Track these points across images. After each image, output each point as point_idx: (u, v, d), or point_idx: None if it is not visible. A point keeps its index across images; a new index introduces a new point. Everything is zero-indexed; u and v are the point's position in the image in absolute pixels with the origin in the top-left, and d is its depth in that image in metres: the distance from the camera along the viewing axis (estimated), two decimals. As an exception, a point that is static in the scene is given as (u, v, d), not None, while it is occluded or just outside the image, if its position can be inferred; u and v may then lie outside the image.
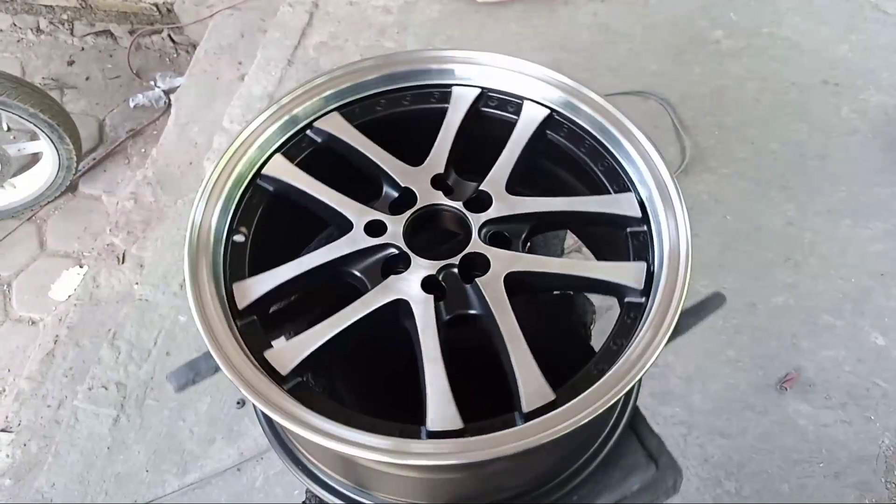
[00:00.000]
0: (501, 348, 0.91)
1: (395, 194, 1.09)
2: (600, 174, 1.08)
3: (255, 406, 0.89)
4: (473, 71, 1.16)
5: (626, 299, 0.96)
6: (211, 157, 2.79)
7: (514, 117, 1.14)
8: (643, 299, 0.95)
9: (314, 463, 1.14)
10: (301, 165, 1.11)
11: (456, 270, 1.00)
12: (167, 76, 3.58)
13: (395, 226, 1.04)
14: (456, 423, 0.85)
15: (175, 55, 3.76)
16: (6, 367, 2.83)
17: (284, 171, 1.12)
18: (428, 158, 1.10)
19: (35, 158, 3.14)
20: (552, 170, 1.18)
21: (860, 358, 2.21)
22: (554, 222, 1.08)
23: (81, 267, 3.09)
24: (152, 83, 3.59)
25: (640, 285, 0.95)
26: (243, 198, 1.12)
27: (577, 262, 1.00)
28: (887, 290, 2.34)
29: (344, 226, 1.04)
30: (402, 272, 0.99)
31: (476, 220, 1.04)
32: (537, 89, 1.14)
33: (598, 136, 1.09)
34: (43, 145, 2.99)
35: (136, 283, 2.54)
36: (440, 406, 0.87)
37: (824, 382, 2.18)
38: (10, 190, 3.13)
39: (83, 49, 3.78)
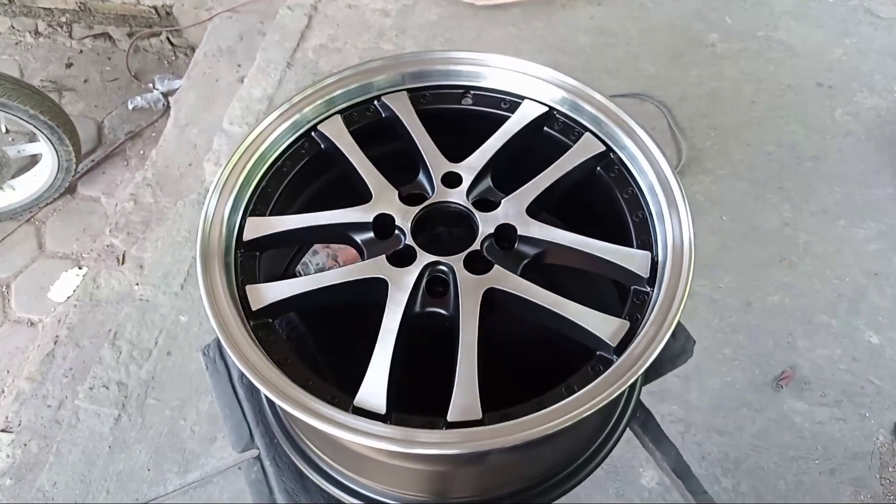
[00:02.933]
0: (456, 355, 0.95)
1: (426, 183, 1.15)
2: (632, 224, 1.08)
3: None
4: (547, 92, 1.19)
5: (599, 352, 0.97)
6: (211, 158, 2.81)
7: (570, 144, 1.15)
8: (613, 357, 0.95)
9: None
10: (363, 133, 1.20)
11: (444, 268, 1.04)
12: (166, 79, 3.59)
13: (407, 215, 1.09)
14: (381, 407, 0.91)
15: (173, 58, 3.77)
16: (5, 369, 2.84)
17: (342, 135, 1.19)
18: (469, 158, 1.14)
19: (34, 160, 3.15)
20: (585, 203, 1.20)
21: (855, 356, 2.24)
22: (561, 256, 1.09)
23: (80, 268, 3.09)
24: (151, 86, 3.60)
25: (615, 343, 0.95)
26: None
27: (567, 302, 0.99)
28: (881, 289, 2.37)
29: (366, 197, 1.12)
30: (400, 261, 1.04)
31: (484, 227, 1.07)
32: (602, 124, 1.15)
33: (641, 185, 1.10)
34: (42, 147, 3.00)
35: (137, 284, 2.55)
36: (372, 386, 0.93)
37: (820, 380, 2.20)
38: (9, 191, 3.14)
39: (81, 51, 3.79)
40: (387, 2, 3.20)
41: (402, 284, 1.02)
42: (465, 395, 0.91)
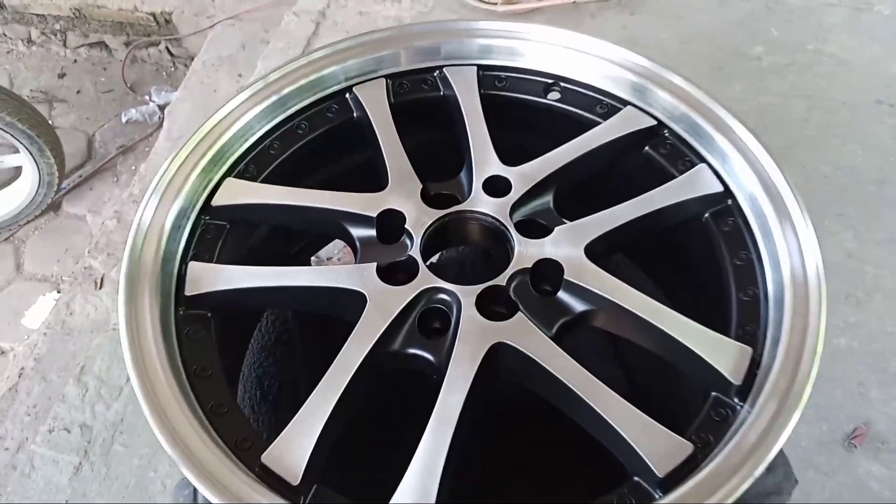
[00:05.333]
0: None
1: (464, 184, 0.89)
2: (736, 303, 0.81)
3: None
4: (659, 101, 0.96)
5: (637, 478, 0.68)
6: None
7: (674, 174, 0.89)
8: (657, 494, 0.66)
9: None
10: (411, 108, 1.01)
11: (447, 299, 0.77)
12: (163, 90, 3.36)
13: (423, 219, 0.85)
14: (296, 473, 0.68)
15: (172, 69, 3.54)
16: (-31, 402, 2.55)
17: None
18: (528, 163, 0.87)
19: (18, 173, 2.90)
20: (669, 255, 0.93)
21: (939, 411, 1.91)
22: (618, 324, 0.81)
23: (59, 292, 2.82)
24: (147, 98, 3.37)
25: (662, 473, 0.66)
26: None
27: (609, 398, 0.72)
28: (965, 332, 2.05)
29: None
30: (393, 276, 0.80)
31: (520, 257, 0.79)
32: (728, 160, 0.89)
33: (764, 256, 0.83)
34: (23, 159, 2.75)
35: (115, 311, 2.27)
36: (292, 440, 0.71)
37: (899, 439, 1.88)
38: (-15, 207, 2.89)
39: (75, 61, 3.57)
40: (401, 8, 2.96)
41: (384, 307, 0.74)
42: (419, 481, 0.65)
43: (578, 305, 0.80)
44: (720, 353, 0.73)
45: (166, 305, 0.79)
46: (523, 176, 0.88)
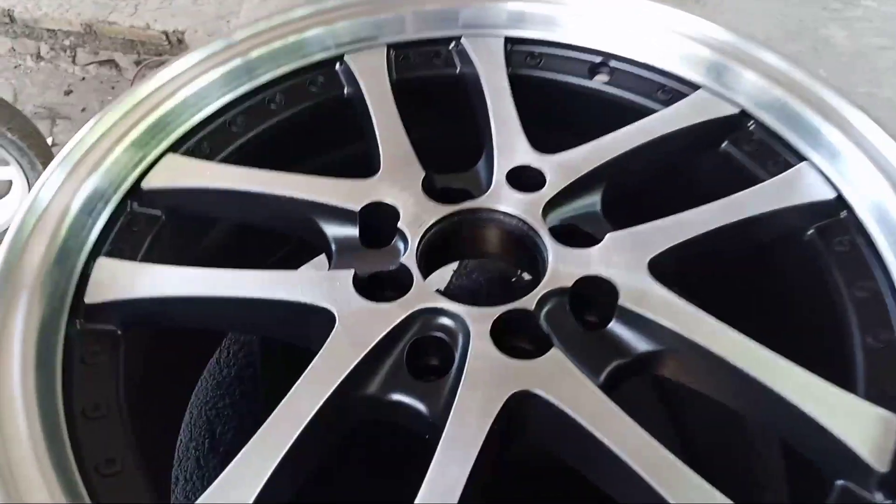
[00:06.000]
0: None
1: (482, 175, 0.67)
2: (852, 307, 0.60)
3: None
4: (741, 85, 0.75)
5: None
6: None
7: (760, 177, 0.70)
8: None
9: None
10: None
11: (450, 326, 0.53)
12: (170, 111, 3.20)
13: (424, 217, 0.61)
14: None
15: (182, 90, 3.39)
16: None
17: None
18: (570, 150, 0.65)
19: (8, 188, 2.72)
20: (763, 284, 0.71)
21: None
22: (698, 375, 0.57)
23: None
24: (153, 118, 3.21)
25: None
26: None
27: (688, 479, 0.49)
28: None
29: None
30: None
31: (557, 273, 0.56)
32: (840, 158, 0.68)
33: (887, 261, 0.61)
34: (12, 172, 2.57)
35: None
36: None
37: None
38: (-27, 223, 2.69)
39: (84, 78, 3.44)
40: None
41: (359, 333, 0.51)
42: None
43: (639, 344, 0.55)
44: (853, 423, 0.49)
45: (54, 317, 0.56)
46: (562, 167, 0.65)
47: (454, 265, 0.77)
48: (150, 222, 0.67)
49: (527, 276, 0.72)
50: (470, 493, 0.47)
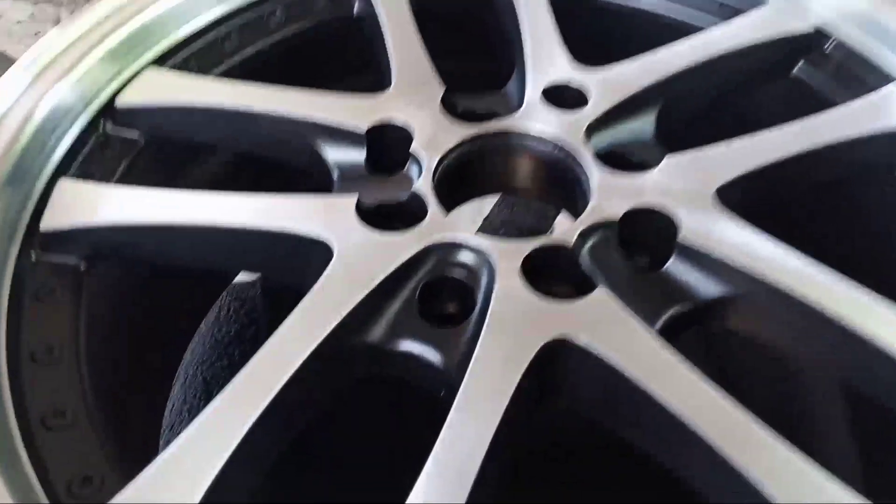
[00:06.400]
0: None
1: (514, 92, 0.58)
2: None
3: None
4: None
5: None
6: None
7: (836, 101, 0.59)
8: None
9: None
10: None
11: (472, 264, 0.43)
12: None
13: (442, 139, 0.54)
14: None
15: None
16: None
17: None
18: (618, 64, 0.54)
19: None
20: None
21: None
22: (776, 325, 0.47)
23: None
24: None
25: None
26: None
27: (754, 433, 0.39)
28: None
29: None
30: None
31: (602, 202, 0.46)
32: None
33: None
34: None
35: None
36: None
37: None
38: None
39: (104, 46, 3.39)
40: None
41: (361, 268, 0.42)
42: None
43: (704, 287, 0.45)
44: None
45: (2, 245, 0.48)
46: (609, 83, 0.55)
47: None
48: (126, 148, 0.58)
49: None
50: (491, 467, 0.38)
